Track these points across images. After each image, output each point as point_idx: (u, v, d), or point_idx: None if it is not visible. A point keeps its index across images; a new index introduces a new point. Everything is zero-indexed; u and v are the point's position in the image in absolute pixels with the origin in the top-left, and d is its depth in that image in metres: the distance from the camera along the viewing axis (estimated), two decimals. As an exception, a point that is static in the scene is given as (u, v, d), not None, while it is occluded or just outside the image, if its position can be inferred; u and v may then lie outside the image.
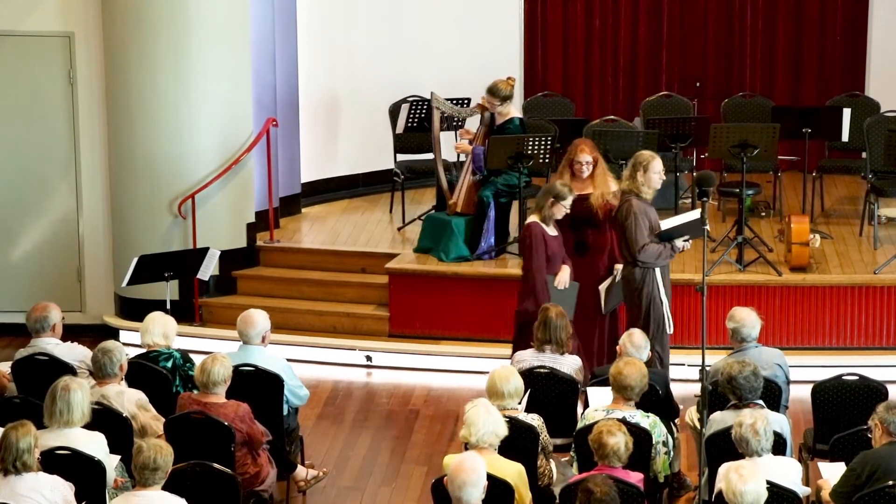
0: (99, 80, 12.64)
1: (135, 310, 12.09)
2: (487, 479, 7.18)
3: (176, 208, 12.38)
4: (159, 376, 9.11)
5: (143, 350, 9.37)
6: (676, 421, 9.14)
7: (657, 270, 10.01)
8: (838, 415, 8.72)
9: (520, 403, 8.36)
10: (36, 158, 12.81)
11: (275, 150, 12.99)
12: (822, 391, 8.82)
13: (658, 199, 12.73)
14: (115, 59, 12.41)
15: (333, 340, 12.08)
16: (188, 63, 12.23)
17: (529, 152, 11.87)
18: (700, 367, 8.33)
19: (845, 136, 12.76)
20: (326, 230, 13.44)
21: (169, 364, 9.20)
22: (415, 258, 12.33)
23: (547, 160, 12.03)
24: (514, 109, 12.29)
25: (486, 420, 7.67)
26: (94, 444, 7.94)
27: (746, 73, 15.02)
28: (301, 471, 9.30)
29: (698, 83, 14.68)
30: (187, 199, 12.34)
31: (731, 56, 15.06)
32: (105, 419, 8.31)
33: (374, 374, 11.80)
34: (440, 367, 11.73)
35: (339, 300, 12.45)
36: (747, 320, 9.05)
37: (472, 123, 12.71)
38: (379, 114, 13.97)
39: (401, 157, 13.69)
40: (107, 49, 12.50)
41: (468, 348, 11.80)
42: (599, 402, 8.55)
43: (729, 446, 7.70)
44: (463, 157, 12.51)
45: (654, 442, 8.17)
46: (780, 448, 7.94)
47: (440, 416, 10.83)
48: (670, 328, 10.10)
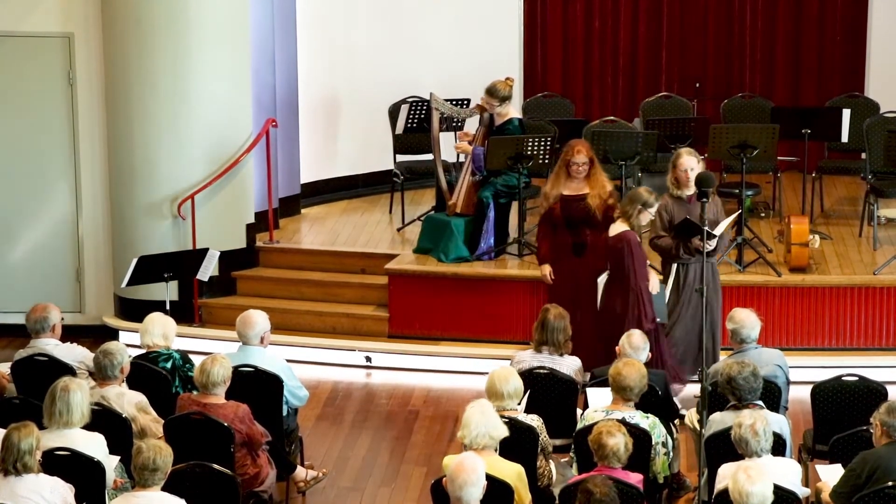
0: (98, 81, 12.64)
1: (134, 310, 12.09)
2: (487, 480, 7.18)
3: (175, 209, 12.38)
4: (159, 377, 9.11)
5: (143, 351, 9.37)
6: (676, 422, 9.15)
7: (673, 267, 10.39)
8: (838, 415, 8.72)
9: (519, 404, 8.36)
10: (35, 159, 12.81)
11: (274, 151, 12.99)
12: (822, 392, 8.82)
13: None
14: (115, 60, 12.41)
15: (333, 341, 12.08)
16: (188, 63, 12.23)
17: (529, 153, 11.87)
18: (700, 369, 8.33)
19: (845, 137, 12.76)
20: (326, 231, 13.44)
21: (168, 365, 9.20)
22: (414, 259, 12.33)
23: (546, 161, 12.03)
24: (513, 110, 12.30)
25: (479, 421, 7.67)
26: (94, 445, 7.94)
27: (746, 74, 15.02)
28: (300, 471, 9.30)
29: (698, 84, 14.67)
30: (187, 199, 12.34)
31: (731, 57, 15.07)
32: (104, 420, 8.31)
33: (374, 374, 11.80)
34: (440, 368, 11.73)
35: (338, 301, 12.45)
36: (747, 321, 9.06)
37: (472, 124, 12.71)
38: (378, 114, 13.97)
39: (400, 157, 13.69)
40: (106, 50, 12.50)
41: (467, 349, 11.79)
42: (599, 403, 8.55)
43: (728, 447, 7.70)
44: (462, 158, 12.52)
45: (653, 443, 8.17)
46: (780, 449, 7.94)
47: (440, 416, 10.83)
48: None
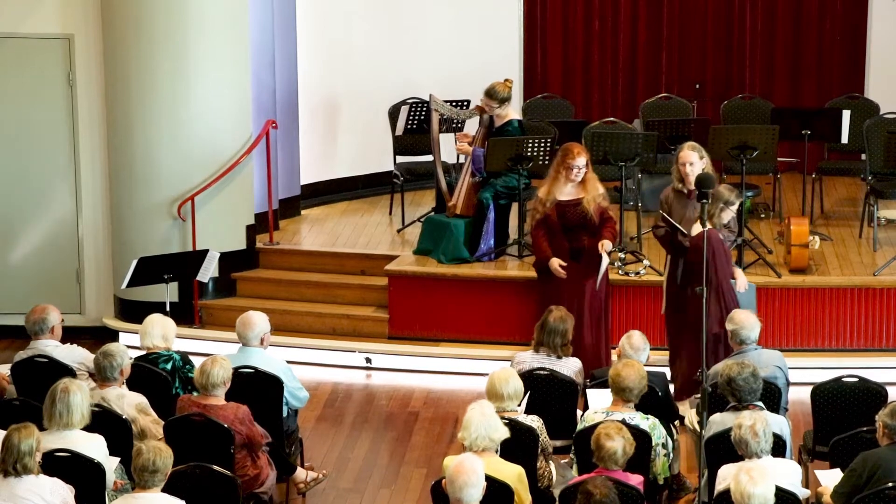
0: (98, 83, 12.64)
1: (134, 312, 12.09)
2: (487, 481, 7.18)
3: (175, 210, 12.38)
4: (159, 378, 9.11)
5: (143, 352, 9.37)
6: (676, 423, 9.15)
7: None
8: (838, 416, 8.72)
9: (519, 405, 8.37)
10: (35, 160, 12.81)
11: (274, 152, 12.99)
12: (822, 393, 8.82)
13: (658, 199, 12.81)
14: (115, 62, 12.40)
15: (333, 342, 12.08)
16: (187, 65, 12.23)
17: (529, 154, 11.87)
18: (700, 369, 8.33)
19: (845, 138, 12.76)
20: (326, 232, 13.44)
21: (168, 366, 9.20)
22: (414, 260, 12.33)
23: (546, 162, 12.02)
24: (512, 111, 12.30)
25: (479, 423, 7.66)
26: (94, 446, 7.93)
27: (746, 75, 15.03)
28: (300, 473, 9.30)
29: (698, 85, 14.67)
30: (187, 200, 12.34)
31: (731, 58, 15.07)
32: (105, 421, 8.31)
33: (374, 375, 11.80)
34: (439, 369, 11.73)
35: (338, 302, 12.45)
36: (746, 322, 9.07)
37: (472, 125, 12.71)
38: (378, 116, 13.98)
39: (400, 158, 13.69)
40: (106, 51, 12.50)
41: (467, 350, 11.79)
42: (599, 404, 8.55)
43: (728, 448, 7.70)
44: (462, 159, 12.52)
45: (653, 444, 8.17)
46: (780, 450, 7.94)
47: (439, 417, 10.83)
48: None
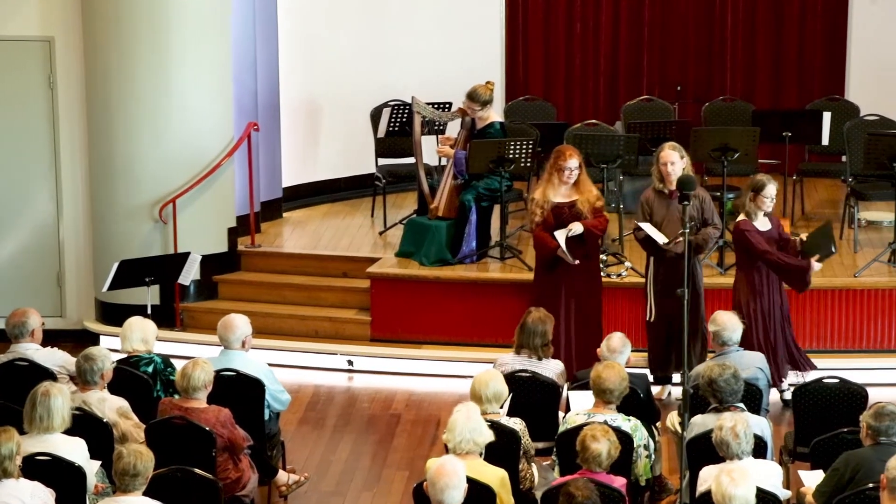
0: (79, 85, 12.62)
1: (115, 315, 12.06)
2: (469, 484, 7.18)
3: (157, 213, 12.35)
4: (140, 381, 9.08)
5: (124, 355, 9.35)
6: (657, 424, 9.16)
7: (651, 258, 10.58)
8: (819, 418, 8.74)
9: (501, 407, 8.36)
10: (16, 163, 12.78)
11: (256, 155, 12.98)
12: (803, 394, 8.84)
13: (639, 202, 12.83)
14: (96, 64, 12.38)
15: (315, 345, 12.07)
16: (168, 68, 12.21)
17: (511, 156, 11.88)
18: (682, 371, 8.34)
19: (825, 140, 12.80)
20: (308, 234, 13.43)
21: (150, 369, 9.18)
22: (396, 262, 12.32)
23: (528, 164, 12.04)
24: (494, 114, 12.31)
25: (464, 426, 7.66)
26: (75, 450, 7.91)
27: (727, 77, 15.06)
28: (282, 476, 9.28)
29: (679, 87, 14.70)
30: (168, 203, 12.32)
31: (712, 60, 15.11)
32: (85, 425, 8.29)
33: (356, 378, 11.79)
34: (422, 372, 11.72)
35: (320, 304, 12.44)
36: (728, 324, 9.09)
37: (454, 128, 12.72)
38: (360, 118, 13.97)
39: (382, 161, 13.69)
40: (87, 53, 12.47)
41: (450, 352, 11.79)
42: (581, 406, 8.55)
43: (710, 450, 7.71)
44: (444, 161, 12.52)
45: (635, 445, 8.18)
46: (761, 451, 7.95)
47: (421, 420, 10.83)
48: (649, 316, 10.55)
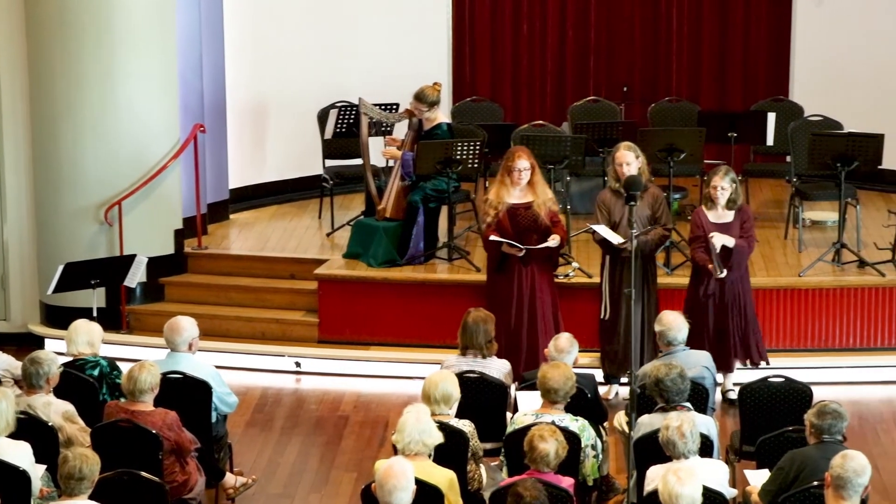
0: (23, 86, 12.51)
1: (60, 318, 11.97)
2: (417, 485, 7.18)
3: (102, 215, 12.28)
4: (86, 384, 9.03)
5: (69, 358, 9.28)
6: (605, 424, 9.19)
7: (606, 257, 10.67)
8: (764, 416, 8.80)
9: (450, 408, 8.37)
10: (-41, 165, 12.68)
11: (202, 156, 12.93)
12: (749, 393, 8.90)
13: (588, 202, 12.91)
14: (40, 65, 12.28)
15: (262, 347, 12.04)
16: (114, 68, 12.14)
17: (458, 157, 11.89)
18: (629, 371, 8.38)
19: (770, 140, 12.90)
20: (255, 236, 13.39)
21: (95, 372, 9.13)
22: (344, 264, 12.31)
23: (476, 165, 12.06)
24: (441, 115, 12.32)
25: (414, 427, 7.66)
26: (20, 454, 7.85)
27: (673, 78, 15.15)
28: (230, 478, 9.25)
29: (625, 88, 14.76)
30: (114, 205, 12.25)
31: (658, 61, 15.19)
32: (31, 428, 8.23)
33: (304, 380, 11.77)
34: (369, 373, 11.71)
35: (267, 306, 12.41)
36: (674, 324, 9.14)
37: (401, 129, 12.72)
38: (307, 119, 13.94)
39: (329, 162, 13.66)
40: (31, 54, 12.38)
41: (397, 354, 11.79)
42: (528, 407, 8.57)
43: (657, 449, 7.74)
44: (391, 163, 12.52)
45: (582, 445, 8.20)
46: (707, 450, 8.00)
47: (370, 421, 10.82)
48: (603, 314, 10.62)
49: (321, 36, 14.51)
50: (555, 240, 10.57)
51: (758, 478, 7.94)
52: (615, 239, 10.43)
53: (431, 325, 11.79)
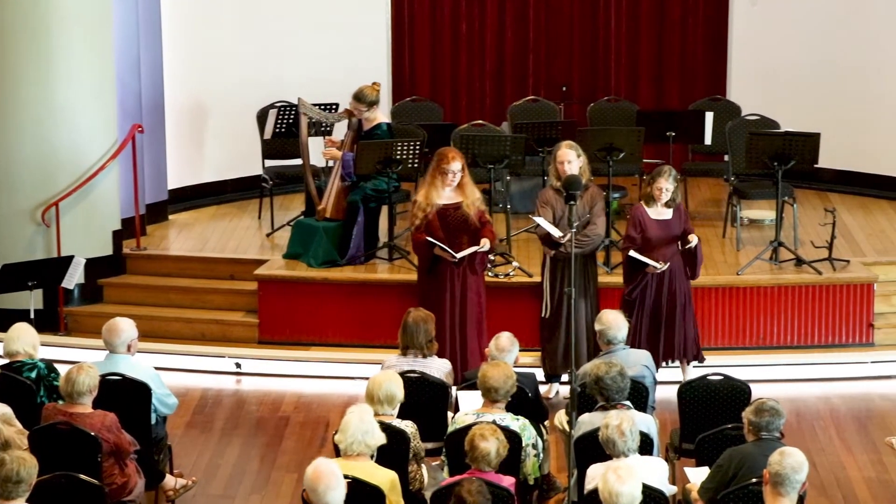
0: (-42, 87, 12.41)
1: (-3, 320, 11.87)
2: (359, 485, 7.16)
3: (39, 216, 12.19)
4: (23, 387, 8.95)
5: (6, 360, 9.20)
6: (546, 423, 9.22)
7: (547, 256, 10.74)
8: (704, 414, 8.86)
9: (393, 408, 8.36)
10: None
11: (140, 157, 12.86)
12: (688, 391, 8.96)
13: (527, 202, 12.95)
14: (-25, 66, 12.19)
15: (202, 348, 11.98)
16: (50, 69, 12.05)
17: (398, 157, 11.89)
18: (570, 370, 8.41)
19: (708, 140, 13.00)
20: (194, 237, 13.33)
21: (33, 374, 9.05)
22: (284, 264, 12.28)
23: (416, 165, 12.06)
24: (381, 115, 12.32)
25: (356, 427, 7.65)
26: (-44, 458, 7.77)
27: (611, 78, 15.22)
28: (170, 480, 9.20)
29: (564, 88, 14.82)
30: (51, 206, 12.16)
31: (596, 61, 15.26)
32: (-33, 432, 8.14)
33: (244, 381, 11.72)
34: (310, 374, 11.68)
35: (207, 307, 12.36)
36: (614, 323, 9.18)
37: (341, 129, 12.70)
38: (246, 119, 13.90)
39: (269, 162, 13.62)
40: (-34, 54, 12.28)
41: (338, 354, 11.77)
42: (469, 406, 8.58)
43: (597, 448, 7.77)
44: (331, 163, 12.50)
45: (523, 444, 8.22)
46: (647, 448, 8.04)
47: (311, 422, 10.80)
48: (544, 313, 10.69)
49: (260, 35, 14.46)
50: (485, 244, 10.58)
51: (697, 475, 7.99)
52: (556, 232, 10.46)
53: (372, 325, 11.78)
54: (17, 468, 7.15)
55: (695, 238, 10.59)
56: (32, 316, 10.82)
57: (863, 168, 14.48)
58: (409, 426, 8.30)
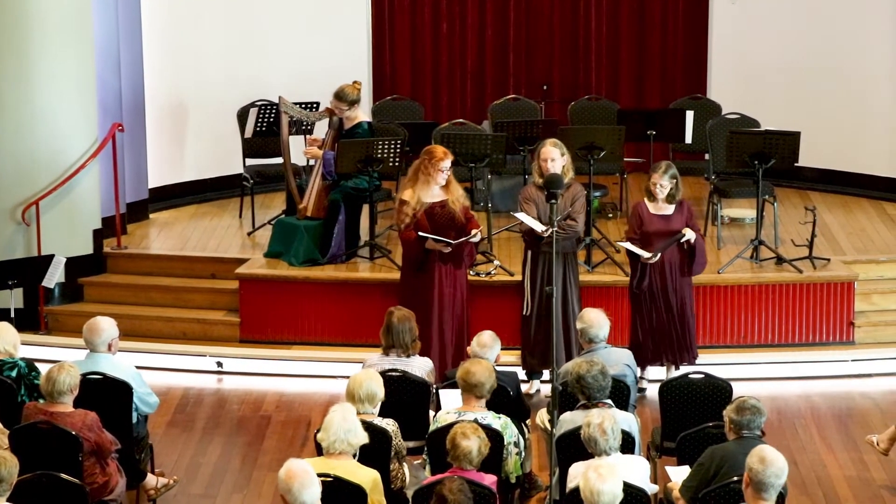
0: (-62, 85, 12.36)
1: (-23, 319, 11.83)
2: (341, 484, 7.16)
3: (19, 215, 12.16)
4: (4, 386, 8.93)
5: (-14, 360, 9.18)
6: (528, 422, 9.23)
7: (529, 253, 10.72)
8: (685, 413, 8.88)
9: (374, 407, 8.36)
10: None
11: (121, 156, 12.83)
12: (669, 390, 8.98)
13: (508, 200, 12.96)
14: (-45, 64, 12.15)
15: (183, 347, 11.96)
16: (29, 69, 12.02)
17: (379, 156, 11.89)
18: (551, 368, 8.42)
19: (688, 138, 13.02)
20: (175, 236, 13.31)
21: (13, 373, 9.03)
22: (265, 263, 12.26)
23: (397, 163, 12.06)
24: (362, 114, 12.32)
25: (339, 426, 7.64)
26: (-63, 458, 7.74)
27: (592, 77, 15.24)
28: (151, 479, 9.18)
29: (545, 86, 14.84)
30: (31, 205, 12.13)
31: (577, 60, 15.27)
32: (-53, 432, 8.13)
33: (225, 380, 11.71)
34: (291, 372, 11.67)
35: (188, 306, 12.33)
36: (595, 321, 9.19)
37: (322, 128, 12.69)
38: (227, 118, 13.88)
39: (250, 161, 13.61)
40: (-55, 53, 12.23)
41: (319, 353, 11.76)
42: (451, 405, 8.59)
43: (579, 446, 7.78)
44: (312, 162, 12.49)
45: (505, 443, 8.23)
46: (629, 446, 8.05)
47: (292, 421, 10.79)
48: (525, 310, 10.68)
49: (240, 34, 14.44)
50: (476, 235, 10.60)
51: (679, 474, 8.00)
52: (538, 227, 10.46)
53: (353, 324, 11.78)
54: (-3, 468, 7.13)
55: (689, 232, 10.57)
56: (13, 315, 10.79)
57: (843, 167, 14.53)
58: (390, 424, 8.30)
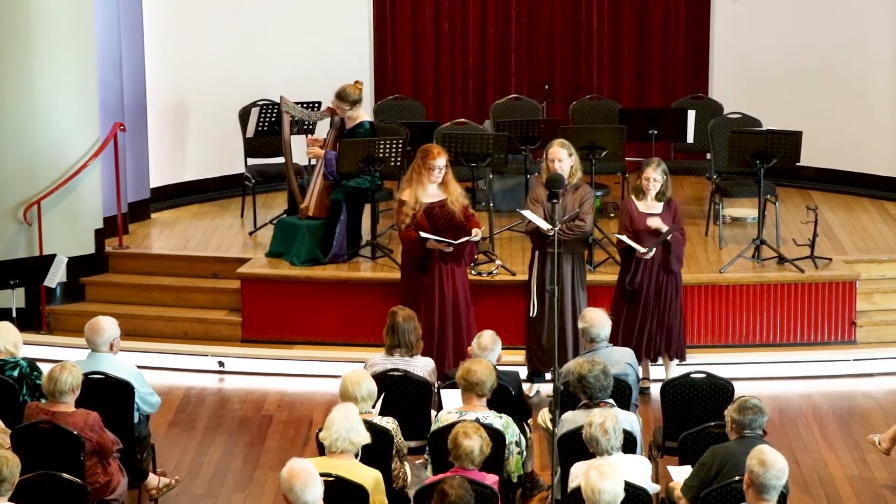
0: (-61, 85, 12.37)
1: (-21, 319, 11.83)
2: (342, 483, 7.16)
3: (21, 214, 12.16)
4: (5, 385, 8.93)
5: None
6: (529, 421, 9.23)
7: (535, 254, 10.68)
8: (687, 412, 8.88)
9: (374, 407, 8.37)
10: None
11: (122, 155, 12.83)
12: (671, 389, 8.97)
13: (510, 200, 12.97)
14: (-43, 63, 12.15)
15: (185, 346, 11.97)
16: (32, 68, 12.02)
17: (381, 155, 11.89)
18: (553, 368, 8.42)
19: (690, 138, 13.02)
20: (177, 235, 13.31)
21: (15, 373, 9.03)
22: (266, 262, 12.27)
23: (398, 163, 12.06)
24: (363, 113, 12.32)
25: (341, 425, 7.64)
26: (-61, 457, 7.75)
27: (593, 76, 15.24)
28: (153, 479, 9.18)
29: (546, 86, 14.84)
30: (33, 205, 12.13)
31: (578, 59, 15.27)
32: (-51, 431, 8.14)
33: (227, 379, 11.71)
34: (293, 372, 11.68)
35: (190, 306, 12.34)
36: (597, 320, 9.19)
37: (323, 127, 12.69)
38: (229, 118, 13.88)
39: (251, 161, 13.61)
40: (-53, 53, 12.24)
41: (321, 352, 11.77)
42: (453, 404, 8.59)
43: (580, 446, 7.78)
44: (314, 161, 12.49)
45: (507, 442, 8.23)
46: (630, 446, 8.05)
47: (294, 421, 10.79)
48: (531, 311, 10.63)
49: (242, 33, 14.45)
50: (477, 233, 10.60)
51: (680, 473, 8.00)
52: (544, 225, 10.44)
53: (355, 324, 11.78)
54: (-1, 467, 7.14)
55: (656, 220, 10.55)
56: (14, 314, 10.79)
57: (845, 166, 14.53)
58: (390, 423, 8.30)
